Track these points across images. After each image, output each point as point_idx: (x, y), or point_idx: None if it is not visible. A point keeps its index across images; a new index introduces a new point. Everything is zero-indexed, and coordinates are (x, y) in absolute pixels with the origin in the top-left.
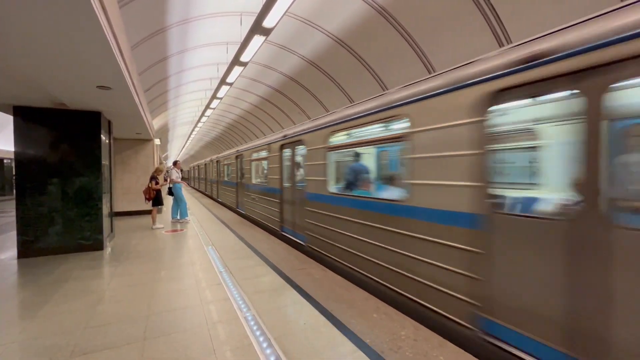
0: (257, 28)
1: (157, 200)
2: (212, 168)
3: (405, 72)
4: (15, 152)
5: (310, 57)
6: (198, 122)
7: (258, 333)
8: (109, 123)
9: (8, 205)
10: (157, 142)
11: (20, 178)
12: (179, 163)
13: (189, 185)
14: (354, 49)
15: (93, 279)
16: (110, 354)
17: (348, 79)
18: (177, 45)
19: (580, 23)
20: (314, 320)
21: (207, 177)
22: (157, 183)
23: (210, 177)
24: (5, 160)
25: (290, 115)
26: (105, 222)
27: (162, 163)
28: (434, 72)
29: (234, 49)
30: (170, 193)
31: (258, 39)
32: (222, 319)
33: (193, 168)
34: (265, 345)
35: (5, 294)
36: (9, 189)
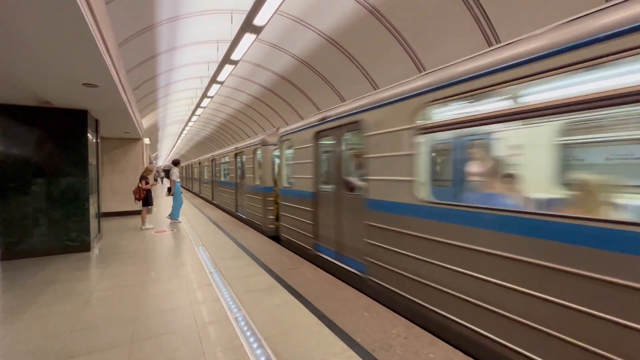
0: (248, 26)
1: (147, 201)
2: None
3: (396, 70)
4: None
5: (302, 56)
6: (188, 121)
7: (248, 333)
8: (96, 122)
9: None
10: (146, 141)
11: (3, 178)
12: (180, 163)
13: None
14: (345, 48)
15: (79, 281)
16: (97, 358)
17: (339, 78)
18: (166, 43)
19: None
20: (305, 320)
21: (200, 177)
22: (147, 183)
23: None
24: None
25: (282, 115)
26: (93, 222)
27: (151, 163)
28: (424, 70)
29: (225, 47)
30: (170, 192)
31: (249, 37)
32: (212, 320)
33: (185, 167)
34: (256, 346)
35: None
36: None
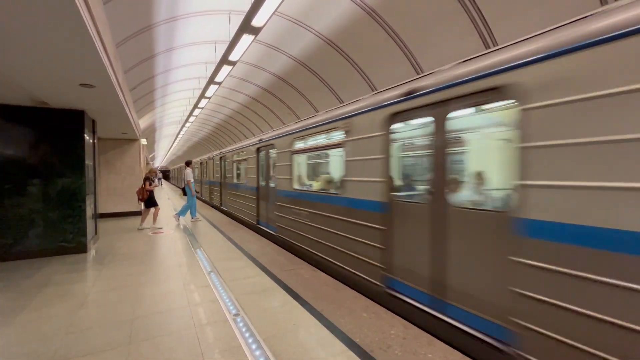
0: (246, 27)
1: (150, 202)
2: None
3: (394, 72)
4: None
5: (300, 57)
6: (186, 121)
7: (247, 335)
8: (93, 122)
9: None
10: (143, 142)
11: None
12: (193, 164)
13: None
14: (343, 49)
15: (75, 283)
16: None
17: (337, 79)
18: (164, 43)
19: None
20: (304, 321)
21: (204, 178)
22: (151, 184)
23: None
24: None
25: (281, 116)
26: (89, 224)
27: (149, 163)
28: (422, 72)
29: (223, 48)
30: (184, 193)
31: (247, 38)
32: (210, 321)
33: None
34: (255, 347)
35: None
36: None
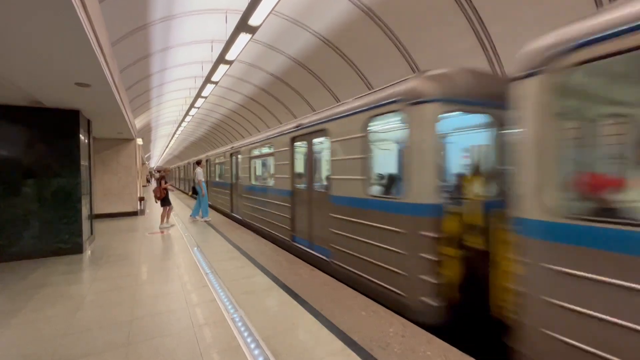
0: (242, 26)
1: (166, 200)
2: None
3: (391, 71)
4: None
5: (297, 56)
6: (182, 121)
7: (246, 334)
8: (89, 122)
9: None
10: (139, 141)
11: None
12: (203, 163)
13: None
14: (340, 49)
15: (72, 284)
16: None
17: (334, 79)
18: (160, 43)
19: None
20: (303, 320)
21: (210, 178)
22: (166, 182)
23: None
24: None
25: (277, 115)
26: (85, 224)
27: (144, 164)
28: (418, 71)
29: (219, 47)
30: (195, 192)
31: (244, 37)
32: (208, 321)
33: (183, 167)
34: (254, 346)
35: None
36: None
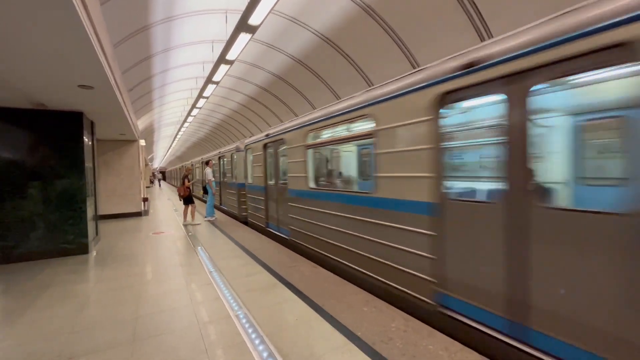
0: (242, 26)
1: (190, 198)
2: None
3: (391, 68)
4: None
5: (297, 55)
6: (184, 122)
7: (250, 330)
8: (92, 124)
9: None
10: (142, 142)
11: None
12: (212, 162)
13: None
14: (340, 47)
15: (78, 284)
16: (98, 358)
17: (335, 77)
18: (161, 44)
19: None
20: (306, 316)
21: (224, 179)
22: (189, 181)
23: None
24: None
25: (279, 114)
26: (90, 225)
27: (147, 165)
28: (418, 67)
29: (220, 47)
30: (205, 191)
31: (244, 37)
32: (213, 319)
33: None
34: (258, 342)
35: None
36: None
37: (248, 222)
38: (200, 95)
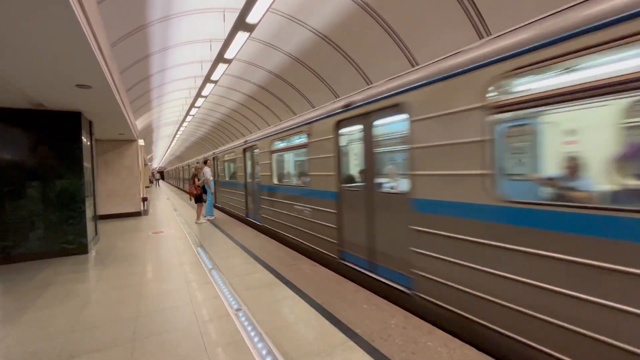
0: (240, 24)
1: (200, 197)
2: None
3: (390, 66)
4: None
5: (295, 53)
6: (183, 121)
7: (249, 328)
8: (90, 123)
9: None
10: (141, 142)
11: None
12: (210, 162)
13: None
14: (339, 45)
15: (78, 283)
16: (99, 356)
17: (333, 75)
18: (159, 43)
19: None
20: (305, 314)
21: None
22: (199, 179)
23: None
24: None
25: (278, 113)
26: (89, 225)
27: (147, 164)
28: (417, 65)
29: (218, 46)
30: (204, 191)
31: (242, 36)
32: (212, 317)
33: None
34: (257, 340)
35: None
36: None
37: (230, 212)
38: (199, 94)
